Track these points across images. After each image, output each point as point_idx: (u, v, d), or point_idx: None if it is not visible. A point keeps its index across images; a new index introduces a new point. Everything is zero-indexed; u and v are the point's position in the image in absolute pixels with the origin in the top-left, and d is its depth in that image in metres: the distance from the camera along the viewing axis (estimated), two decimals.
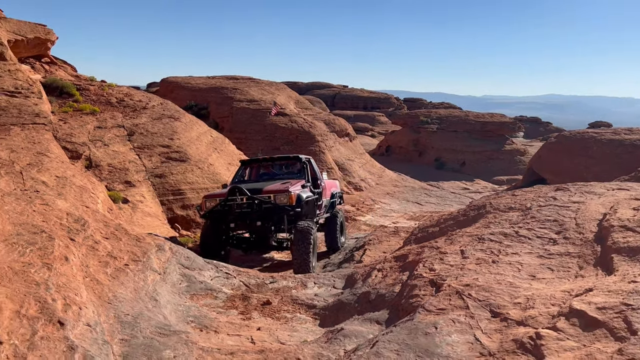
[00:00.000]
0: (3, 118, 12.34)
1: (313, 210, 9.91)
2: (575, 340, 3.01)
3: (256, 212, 8.70)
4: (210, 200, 9.12)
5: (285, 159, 11.20)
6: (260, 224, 8.78)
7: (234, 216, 8.81)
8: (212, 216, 8.98)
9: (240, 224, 8.93)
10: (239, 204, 8.73)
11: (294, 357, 3.76)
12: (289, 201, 8.73)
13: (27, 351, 3.25)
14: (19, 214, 6.05)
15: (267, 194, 8.83)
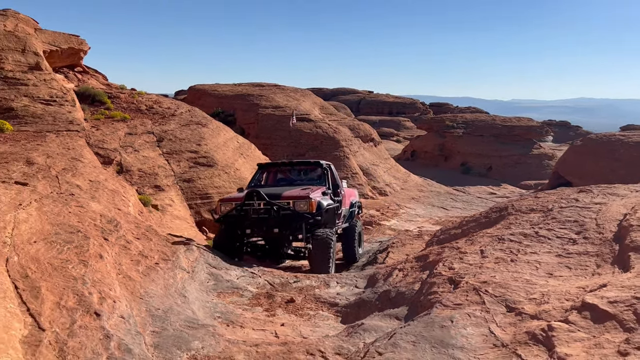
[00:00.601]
0: (39, 125, 12.90)
1: (333, 219, 9.46)
2: (585, 332, 3.11)
3: (274, 218, 8.22)
4: (225, 204, 8.70)
5: (305, 164, 10.82)
6: (278, 231, 8.31)
7: (250, 222, 8.33)
8: (227, 221, 8.52)
9: (256, 230, 8.43)
10: (256, 209, 8.28)
11: (316, 349, 3.93)
12: (309, 208, 8.31)
13: (67, 338, 3.50)
14: (56, 215, 6.39)
15: (287, 199, 8.41)
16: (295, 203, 8.33)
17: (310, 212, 8.30)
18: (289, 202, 8.36)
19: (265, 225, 8.29)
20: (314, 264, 8.25)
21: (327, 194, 9.46)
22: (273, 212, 8.19)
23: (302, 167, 10.71)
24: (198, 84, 34.17)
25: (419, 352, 3.35)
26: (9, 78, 14.69)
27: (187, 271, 6.18)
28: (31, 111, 13.42)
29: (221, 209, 8.64)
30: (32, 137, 11.79)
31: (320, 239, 8.18)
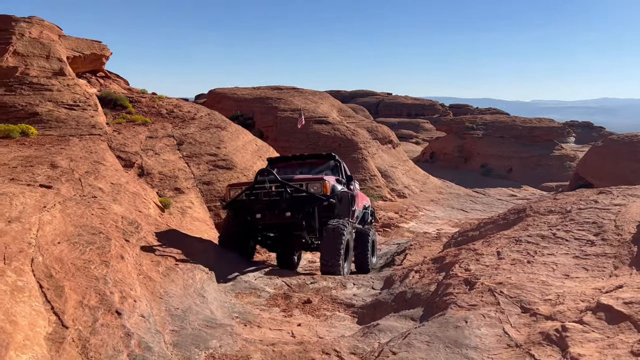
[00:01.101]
0: (63, 129, 13.19)
1: (347, 210, 8.99)
2: (599, 333, 3.10)
3: (286, 201, 7.71)
4: (235, 188, 8.28)
5: (317, 157, 10.35)
6: (290, 215, 7.80)
7: (261, 205, 7.83)
8: (237, 205, 8.08)
9: (267, 215, 7.88)
10: (267, 192, 7.79)
11: (331, 348, 3.98)
12: (323, 190, 7.84)
13: (89, 335, 3.61)
14: (79, 217, 6.55)
15: (299, 181, 7.95)
16: (308, 185, 7.91)
17: (324, 195, 7.86)
18: (302, 184, 7.93)
19: (277, 209, 7.83)
20: (323, 256, 7.73)
21: (342, 183, 9.14)
22: (285, 195, 7.73)
23: (313, 160, 10.30)
24: (218, 87, 34.53)
25: (433, 352, 3.38)
26: (34, 84, 15.07)
27: (206, 272, 6.28)
28: (55, 116, 13.74)
29: (230, 193, 8.28)
30: (56, 141, 12.05)
31: (333, 227, 7.73)
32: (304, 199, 7.81)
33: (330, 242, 7.61)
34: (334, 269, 7.51)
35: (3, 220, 5.13)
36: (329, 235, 7.64)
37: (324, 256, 7.65)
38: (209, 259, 6.93)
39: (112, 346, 3.57)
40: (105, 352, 3.49)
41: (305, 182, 7.93)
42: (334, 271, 7.50)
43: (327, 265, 7.57)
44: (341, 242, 7.59)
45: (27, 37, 16.62)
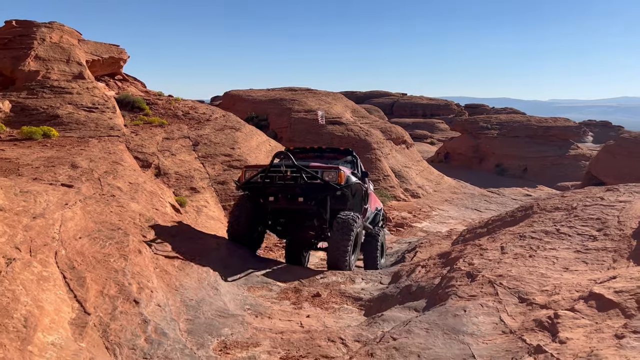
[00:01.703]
0: (82, 131, 13.59)
1: (359, 205, 8.94)
2: (589, 319, 3.26)
3: (301, 186, 7.68)
4: (250, 170, 8.23)
5: (335, 151, 10.28)
6: (303, 201, 7.79)
7: (276, 188, 7.81)
8: (251, 187, 8.05)
9: (280, 198, 7.89)
10: (282, 175, 7.71)
11: (337, 336, 4.19)
12: (338, 180, 7.75)
13: (109, 321, 3.86)
14: (99, 214, 6.85)
15: (315, 169, 7.83)
16: (323, 172, 7.78)
17: (338, 184, 7.75)
18: (317, 171, 7.82)
19: (291, 194, 7.82)
20: (330, 249, 7.63)
21: (356, 176, 8.96)
22: (300, 180, 7.66)
23: (331, 154, 10.20)
24: (233, 89, 34.93)
25: (431, 338, 3.56)
26: (55, 87, 15.54)
27: (219, 266, 6.51)
28: (75, 118, 14.16)
29: (245, 175, 8.21)
30: (76, 143, 12.43)
31: (343, 219, 7.59)
32: (318, 186, 7.73)
33: (339, 235, 7.47)
34: (340, 263, 7.46)
35: (28, 216, 5.43)
36: (338, 228, 7.51)
37: (332, 249, 7.59)
38: (223, 254, 7.17)
39: (130, 331, 3.82)
40: (124, 336, 3.74)
41: (320, 169, 7.82)
42: (340, 266, 7.44)
43: (334, 259, 7.55)
44: (350, 237, 7.46)
45: (48, 42, 17.12)
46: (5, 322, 3.09)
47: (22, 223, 5.14)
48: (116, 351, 3.52)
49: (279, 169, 7.76)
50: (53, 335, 3.29)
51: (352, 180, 8.22)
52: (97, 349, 3.43)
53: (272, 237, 11.68)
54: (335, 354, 3.94)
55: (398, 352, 3.40)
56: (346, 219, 7.59)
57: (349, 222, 7.56)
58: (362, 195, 9.11)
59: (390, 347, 3.48)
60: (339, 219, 7.62)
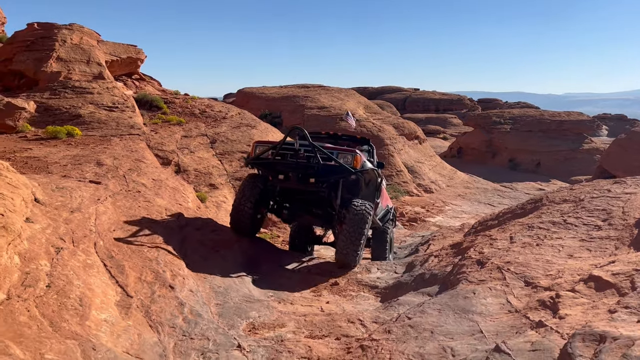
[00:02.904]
0: (104, 130, 14.07)
1: (372, 196, 8.37)
2: (587, 298, 3.58)
3: (314, 166, 7.12)
4: (261, 145, 7.73)
5: (352, 139, 9.85)
6: (314, 182, 7.29)
7: (287, 167, 7.29)
8: (260, 163, 7.56)
9: (291, 177, 7.36)
10: (295, 152, 7.19)
11: (356, 318, 4.54)
12: (354, 163, 7.22)
13: (150, 304, 4.25)
14: (128, 209, 7.27)
15: (330, 149, 7.31)
16: (339, 154, 7.25)
17: (354, 168, 7.21)
18: (333, 152, 7.29)
19: (302, 173, 7.28)
20: (344, 237, 7.02)
21: (372, 163, 8.50)
22: (314, 160, 7.11)
23: (347, 142, 9.74)
24: (246, 87, 35.36)
25: (443, 317, 3.90)
26: (76, 87, 16.04)
27: (241, 257, 6.90)
28: (97, 117, 14.64)
29: (256, 150, 7.67)
30: (99, 141, 12.90)
31: (357, 211, 6.98)
32: (332, 168, 7.17)
33: (352, 227, 6.91)
34: (351, 258, 7.06)
35: (67, 210, 5.85)
36: (351, 219, 6.93)
37: (343, 242, 7.04)
38: (244, 246, 7.55)
39: (169, 312, 4.21)
40: (165, 316, 4.13)
41: (336, 151, 7.30)
42: (350, 261, 7.06)
43: (344, 254, 7.07)
44: (364, 230, 6.97)
45: (68, 44, 17.63)
46: (64, 301, 3.49)
47: (63, 216, 5.56)
48: (159, 329, 3.90)
49: (292, 146, 7.27)
50: (105, 314, 3.68)
51: (368, 165, 7.72)
52: (142, 327, 3.82)
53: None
54: (355, 333, 4.30)
55: (413, 329, 3.74)
56: (361, 210, 7.00)
57: (364, 213, 6.98)
58: (376, 186, 8.62)
59: (405, 325, 3.83)
60: (353, 209, 7.02)
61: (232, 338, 4.10)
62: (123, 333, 3.54)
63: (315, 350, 3.93)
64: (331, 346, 4.02)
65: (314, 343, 4.09)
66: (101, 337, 3.30)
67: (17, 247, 3.91)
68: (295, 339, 4.20)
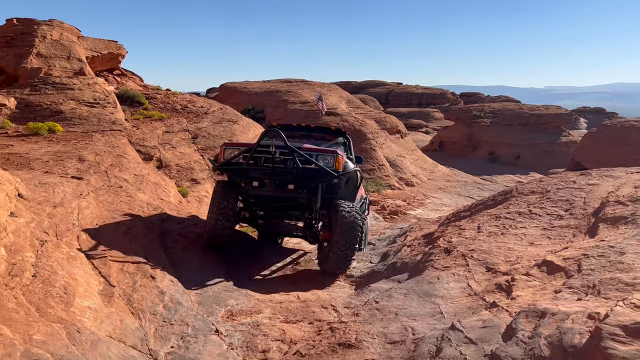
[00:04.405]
0: (86, 126, 14.12)
1: (353, 195, 7.78)
2: (539, 281, 3.88)
3: (292, 171, 6.50)
4: (231, 148, 6.92)
5: (325, 131, 9.14)
6: (293, 188, 6.64)
7: (262, 172, 6.61)
8: (231, 169, 6.81)
9: (267, 184, 6.70)
10: (271, 157, 6.45)
11: (329, 304, 4.80)
12: (335, 165, 6.59)
13: (132, 292, 4.47)
14: (110, 203, 7.44)
15: (309, 151, 6.64)
16: (318, 157, 6.64)
17: (335, 170, 6.58)
18: (312, 154, 6.65)
19: (280, 179, 6.66)
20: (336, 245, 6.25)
21: (352, 161, 7.93)
22: (292, 164, 6.48)
23: (321, 134, 9.06)
24: (229, 81, 35.39)
25: (408, 300, 4.18)
26: (57, 83, 16.03)
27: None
28: (78, 113, 14.68)
29: (224, 154, 6.90)
30: (80, 137, 12.98)
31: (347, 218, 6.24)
32: (312, 172, 6.56)
33: (343, 237, 6.23)
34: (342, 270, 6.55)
35: (50, 205, 6.01)
36: (342, 228, 6.25)
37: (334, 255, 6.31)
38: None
39: (150, 300, 4.43)
40: (146, 304, 4.34)
41: (315, 152, 6.68)
42: (341, 272, 6.58)
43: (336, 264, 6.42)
44: (356, 238, 6.32)
45: (48, 40, 17.57)
46: (49, 290, 3.68)
47: (46, 211, 5.72)
48: (140, 315, 4.12)
49: (267, 149, 6.51)
50: (88, 301, 3.88)
51: (350, 167, 7.11)
52: (124, 314, 4.03)
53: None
54: (327, 318, 4.56)
55: (379, 311, 4.02)
56: (351, 216, 6.31)
57: (354, 220, 6.31)
58: (356, 185, 8.01)
59: (373, 309, 4.10)
60: (342, 215, 6.30)
61: (210, 324, 4.34)
62: (106, 319, 3.75)
63: (288, 334, 4.18)
64: (304, 330, 4.28)
65: (288, 327, 4.35)
66: (85, 322, 3.51)
67: (2, 240, 4.09)
68: (271, 324, 4.45)
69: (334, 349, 3.52)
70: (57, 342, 2.90)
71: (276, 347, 3.96)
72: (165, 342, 3.86)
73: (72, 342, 3.02)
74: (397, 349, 3.38)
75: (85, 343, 3.10)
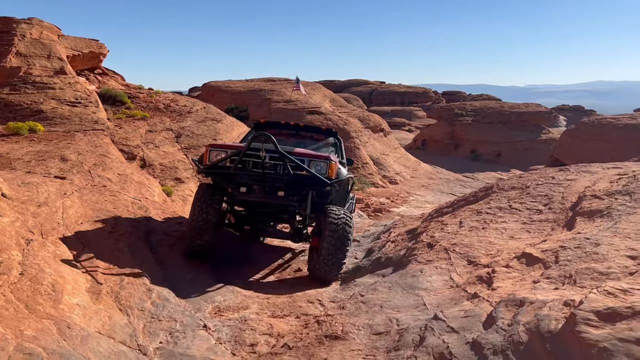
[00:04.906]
0: (67, 125, 14.00)
1: (344, 198, 7.65)
2: (518, 272, 4.00)
3: (282, 178, 6.16)
4: (217, 150, 6.50)
5: (315, 131, 8.79)
6: (283, 195, 6.28)
7: (250, 178, 6.23)
8: (217, 173, 6.43)
9: (255, 190, 6.32)
10: (261, 162, 6.06)
11: (315, 298, 4.88)
12: (328, 173, 6.29)
13: (119, 290, 4.50)
14: (94, 202, 7.42)
15: (300, 156, 6.34)
16: (311, 162, 6.34)
17: (329, 178, 6.28)
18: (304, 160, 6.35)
19: (269, 186, 6.30)
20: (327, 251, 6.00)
21: (344, 165, 7.72)
22: (283, 170, 6.15)
23: (310, 133, 8.72)
24: (212, 80, 35.25)
25: (392, 293, 4.28)
26: (37, 82, 15.84)
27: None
28: (59, 113, 14.53)
29: (210, 156, 6.53)
30: (62, 137, 12.87)
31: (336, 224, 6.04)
32: (305, 179, 6.26)
33: (332, 244, 6.01)
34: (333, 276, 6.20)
35: (34, 204, 5.99)
36: (331, 234, 6.03)
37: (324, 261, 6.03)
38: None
39: (138, 297, 4.46)
40: (134, 300, 4.38)
41: (307, 158, 6.37)
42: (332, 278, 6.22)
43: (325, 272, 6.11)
44: (347, 244, 6.16)
45: (28, 38, 17.35)
46: (37, 287, 3.71)
47: (30, 210, 5.71)
48: (128, 312, 4.16)
49: (257, 152, 6.14)
50: (76, 299, 3.91)
51: (343, 173, 6.84)
52: (113, 310, 4.06)
53: None
54: (314, 312, 4.64)
55: (364, 304, 4.11)
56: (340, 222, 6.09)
57: (344, 226, 6.12)
58: (347, 189, 7.85)
59: (358, 302, 4.19)
60: (332, 221, 6.08)
61: (198, 319, 4.39)
62: (94, 315, 3.79)
63: (276, 328, 4.26)
64: (291, 323, 4.36)
65: (275, 321, 4.42)
66: (74, 318, 3.54)
67: None
68: (258, 319, 4.52)
69: (321, 341, 3.61)
70: (48, 337, 2.94)
71: (264, 340, 4.03)
72: (154, 338, 3.91)
73: (62, 337, 3.05)
74: (382, 339, 3.48)
75: (75, 338, 3.14)
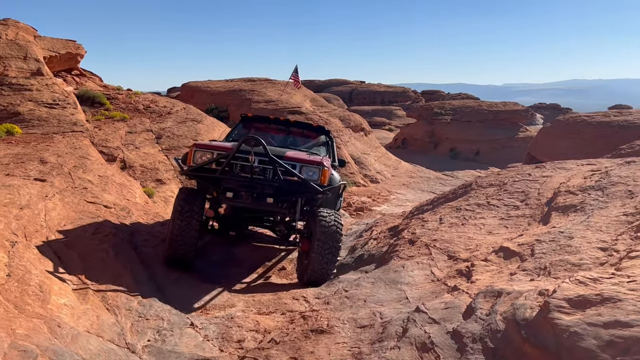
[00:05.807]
0: (45, 127, 13.85)
1: (334, 201, 7.36)
2: (496, 265, 4.16)
3: (272, 183, 5.79)
4: (203, 151, 6.11)
5: (306, 127, 8.46)
6: (273, 202, 5.91)
7: (237, 182, 5.86)
8: (202, 176, 6.10)
9: (243, 196, 5.93)
10: (249, 165, 5.72)
11: (300, 295, 4.98)
12: (320, 179, 5.96)
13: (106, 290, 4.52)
14: (76, 205, 7.41)
15: (291, 161, 5.98)
16: (302, 168, 5.99)
17: (320, 184, 5.97)
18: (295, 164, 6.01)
19: (258, 191, 5.90)
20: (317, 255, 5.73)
21: (335, 168, 7.40)
22: (272, 175, 5.80)
23: (300, 130, 8.34)
24: (191, 81, 35.06)
25: (375, 288, 4.40)
26: (13, 84, 15.62)
27: None
28: (37, 115, 14.36)
29: (195, 158, 6.11)
30: (40, 139, 12.73)
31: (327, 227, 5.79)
32: (296, 186, 5.96)
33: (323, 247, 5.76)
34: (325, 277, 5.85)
35: (16, 207, 5.97)
36: (321, 237, 5.78)
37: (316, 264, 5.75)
38: None
39: (124, 297, 4.51)
40: (120, 300, 4.42)
41: (299, 163, 6.03)
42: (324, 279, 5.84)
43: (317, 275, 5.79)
44: (338, 246, 5.91)
45: (3, 39, 17.09)
46: (25, 288, 3.73)
47: (13, 213, 5.69)
48: (115, 311, 4.20)
49: (245, 155, 5.79)
50: (64, 299, 3.94)
51: (336, 179, 6.62)
52: (100, 310, 4.10)
53: None
54: (299, 308, 4.74)
55: (349, 299, 4.22)
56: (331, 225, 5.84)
57: (335, 229, 5.86)
58: (339, 193, 7.58)
59: (342, 297, 4.30)
60: (322, 224, 5.82)
61: (185, 318, 4.45)
62: (83, 315, 3.83)
63: (262, 324, 4.34)
64: (277, 320, 4.45)
65: (261, 318, 4.51)
66: (63, 318, 3.58)
67: None
68: (244, 316, 4.60)
69: (307, 335, 3.70)
70: (40, 336, 2.97)
71: (251, 336, 4.11)
72: (142, 336, 3.96)
73: (54, 335, 3.10)
74: (366, 332, 3.59)
75: (66, 337, 3.18)
